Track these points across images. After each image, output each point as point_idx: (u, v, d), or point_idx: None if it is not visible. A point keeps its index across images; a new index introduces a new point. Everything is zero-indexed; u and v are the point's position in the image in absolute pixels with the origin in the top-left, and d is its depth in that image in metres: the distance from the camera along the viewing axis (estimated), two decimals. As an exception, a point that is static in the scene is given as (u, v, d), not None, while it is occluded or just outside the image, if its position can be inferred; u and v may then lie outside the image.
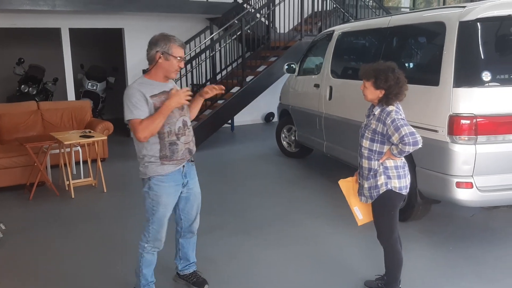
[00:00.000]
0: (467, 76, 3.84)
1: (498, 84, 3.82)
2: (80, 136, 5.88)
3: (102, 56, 11.49)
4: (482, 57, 3.89)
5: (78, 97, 9.87)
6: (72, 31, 8.82)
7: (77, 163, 6.34)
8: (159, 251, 3.24)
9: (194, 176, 3.27)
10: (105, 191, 5.86)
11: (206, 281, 3.48)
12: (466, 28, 3.87)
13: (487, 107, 3.79)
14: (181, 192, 3.17)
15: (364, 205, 3.31)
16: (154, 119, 2.84)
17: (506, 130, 3.83)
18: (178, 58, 2.93)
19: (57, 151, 6.05)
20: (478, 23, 3.85)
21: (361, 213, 3.34)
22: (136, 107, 2.85)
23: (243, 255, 3.96)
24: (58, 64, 9.14)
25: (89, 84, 10.33)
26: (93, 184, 6.12)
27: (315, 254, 4.05)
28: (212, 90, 3.16)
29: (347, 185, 3.39)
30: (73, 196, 5.67)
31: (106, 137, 6.42)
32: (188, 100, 3.00)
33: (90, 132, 6.22)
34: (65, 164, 5.86)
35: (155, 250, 3.20)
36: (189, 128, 3.13)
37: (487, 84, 3.79)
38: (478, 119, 3.74)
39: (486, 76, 3.78)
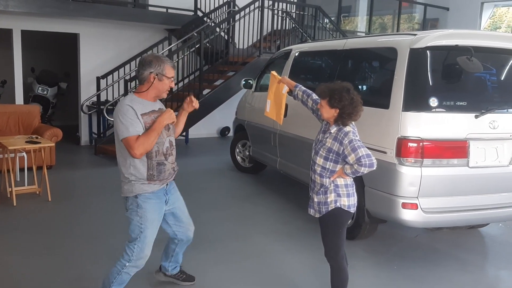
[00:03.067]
0: (415, 101, 3.99)
1: (444, 110, 3.98)
2: (26, 142, 5.65)
3: (55, 60, 11.14)
4: (430, 84, 4.06)
5: (27, 101, 9.51)
6: (24, 33, 8.53)
7: (22, 169, 6.08)
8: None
9: (175, 191, 3.31)
10: (49, 199, 5.63)
11: (193, 277, 3.70)
12: (416, 55, 4.02)
13: (433, 132, 3.93)
14: (165, 210, 3.19)
15: (276, 104, 3.77)
16: (149, 136, 2.87)
17: (450, 154, 3.99)
18: (171, 78, 3.02)
19: (0, 156, 5.78)
20: (427, 51, 4.02)
21: (270, 107, 3.82)
22: (132, 124, 2.85)
23: (191, 269, 3.89)
24: (7, 66, 8.79)
25: (39, 88, 9.99)
26: (37, 192, 5.87)
27: (264, 270, 4.04)
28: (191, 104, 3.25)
29: (274, 79, 3.81)
30: (15, 204, 5.42)
31: (53, 144, 6.19)
32: None
33: (37, 138, 5.99)
34: (8, 170, 5.60)
35: (135, 269, 3.11)
36: (174, 147, 3.18)
37: (434, 110, 3.94)
38: (424, 143, 3.88)
39: (433, 102, 3.94)
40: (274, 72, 3.91)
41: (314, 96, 3.42)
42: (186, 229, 3.40)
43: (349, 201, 3.11)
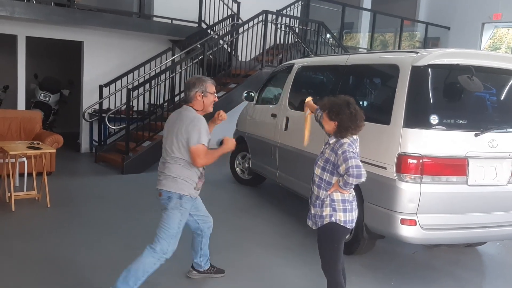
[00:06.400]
0: (416, 117, 4.02)
1: (444, 127, 4.02)
2: (27, 147, 5.67)
3: (58, 68, 11.20)
4: (431, 101, 4.10)
5: (29, 107, 9.54)
6: (29, 40, 8.59)
7: (21, 175, 6.08)
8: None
9: None
10: (48, 206, 5.63)
11: (223, 269, 4.07)
12: (418, 73, 4.07)
13: (433, 149, 3.96)
14: None
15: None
16: (215, 155, 3.41)
17: (449, 172, 4.02)
18: (213, 93, 3.51)
19: (1, 160, 5.79)
20: (429, 69, 4.07)
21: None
22: (205, 135, 3.34)
23: (187, 283, 3.88)
24: (11, 72, 8.84)
25: (42, 95, 10.02)
26: (37, 198, 5.87)
27: (262, 283, 4.04)
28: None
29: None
30: (13, 209, 5.41)
31: (54, 150, 6.20)
32: None
33: (38, 143, 6.01)
34: (8, 175, 5.61)
35: (164, 261, 3.41)
36: None
37: (434, 127, 3.97)
38: (424, 160, 3.91)
39: (434, 119, 3.97)
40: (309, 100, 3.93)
41: None
42: (206, 219, 3.81)
43: (345, 217, 3.11)
